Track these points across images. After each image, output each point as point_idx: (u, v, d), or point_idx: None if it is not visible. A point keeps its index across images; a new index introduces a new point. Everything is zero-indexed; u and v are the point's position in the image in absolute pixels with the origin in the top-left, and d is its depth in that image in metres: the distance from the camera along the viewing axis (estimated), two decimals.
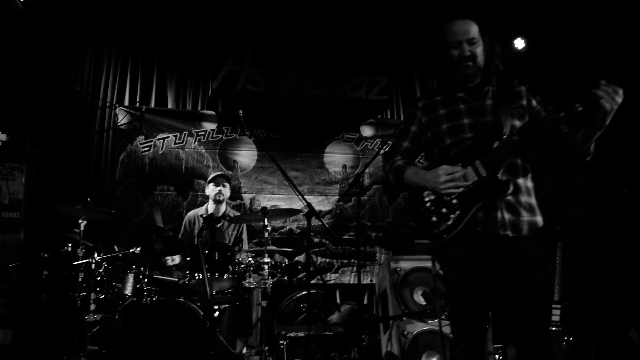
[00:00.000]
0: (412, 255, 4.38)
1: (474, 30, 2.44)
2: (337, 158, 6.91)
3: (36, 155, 5.64)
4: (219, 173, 5.58)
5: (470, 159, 2.36)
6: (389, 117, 7.26)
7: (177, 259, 4.63)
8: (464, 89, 2.50)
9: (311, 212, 4.23)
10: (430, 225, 2.42)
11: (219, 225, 5.26)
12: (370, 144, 7.03)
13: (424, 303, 4.23)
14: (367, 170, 5.82)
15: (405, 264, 4.32)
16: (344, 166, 6.90)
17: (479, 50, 2.44)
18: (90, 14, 6.28)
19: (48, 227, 5.51)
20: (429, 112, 2.58)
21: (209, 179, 5.52)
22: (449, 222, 2.35)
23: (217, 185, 5.38)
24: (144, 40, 6.51)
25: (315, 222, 5.67)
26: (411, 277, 4.27)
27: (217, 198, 5.34)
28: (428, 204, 2.44)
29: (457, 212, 2.33)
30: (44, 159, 5.83)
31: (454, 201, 2.35)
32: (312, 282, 5.45)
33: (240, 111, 4.37)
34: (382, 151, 6.79)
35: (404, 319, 4.09)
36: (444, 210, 2.37)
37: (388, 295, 4.29)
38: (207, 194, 5.54)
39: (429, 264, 4.31)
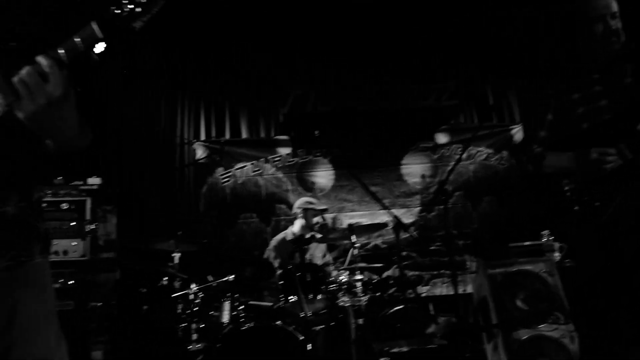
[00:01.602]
0: (508, 259, 4.19)
1: (614, 3, 2.32)
2: (414, 169, 6.79)
3: (121, 196, 5.85)
4: (323, 207, 5.54)
5: (612, 142, 2.22)
6: (462, 121, 7.08)
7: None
8: (599, 68, 2.36)
9: (399, 225, 4.14)
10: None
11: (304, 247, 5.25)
12: (446, 150, 6.87)
13: (526, 308, 4.01)
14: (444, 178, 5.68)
15: (503, 269, 4.13)
16: (423, 176, 6.76)
17: (620, 25, 2.31)
18: (162, 53, 6.53)
19: (143, 263, 5.69)
20: (560, 98, 2.46)
21: (305, 207, 5.48)
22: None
23: (315, 216, 5.38)
24: (214, 75, 6.69)
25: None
26: (511, 281, 4.07)
27: (314, 227, 5.35)
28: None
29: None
30: (131, 199, 6.05)
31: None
32: (403, 296, 5.34)
33: (317, 131, 4.36)
34: (464, 154, 6.71)
35: (509, 325, 3.90)
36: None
37: (489, 303, 4.10)
38: (300, 216, 5.51)
39: (527, 267, 4.12)
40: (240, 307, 4.30)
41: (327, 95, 6.82)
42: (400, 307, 4.94)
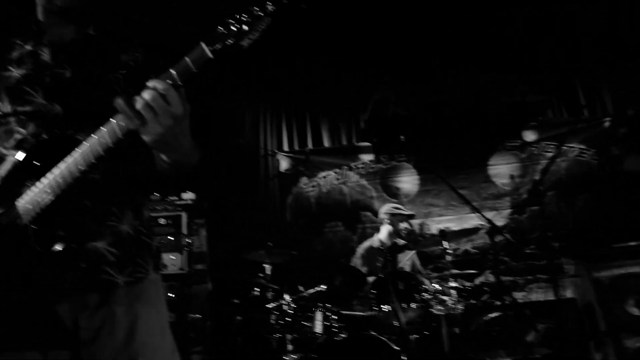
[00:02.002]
0: (613, 261, 3.92)
1: None
2: (502, 169, 6.53)
3: (210, 209, 6.01)
4: (410, 213, 5.44)
5: None
6: (550, 117, 6.74)
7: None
8: None
9: (493, 229, 3.98)
10: None
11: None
12: (535, 149, 6.55)
13: (638, 314, 3.74)
14: (538, 177, 5.42)
15: (609, 272, 3.87)
16: (511, 176, 6.49)
17: None
18: (242, 69, 6.68)
19: (234, 274, 5.82)
20: None
21: (392, 212, 5.41)
22: None
23: (401, 222, 5.29)
24: (294, 84, 6.77)
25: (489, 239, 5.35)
26: (619, 285, 3.81)
27: (400, 233, 5.26)
28: None
29: None
30: (220, 211, 6.21)
31: None
32: (499, 303, 5.14)
33: (402, 137, 4.29)
34: (563, 148, 6.39)
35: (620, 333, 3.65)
36: None
37: (595, 308, 3.86)
38: (385, 223, 5.44)
39: (636, 269, 3.84)
40: (333, 317, 4.28)
41: (407, 98, 6.72)
42: (497, 314, 4.75)
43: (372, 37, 6.56)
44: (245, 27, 1.32)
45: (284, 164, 6.56)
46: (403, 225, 5.31)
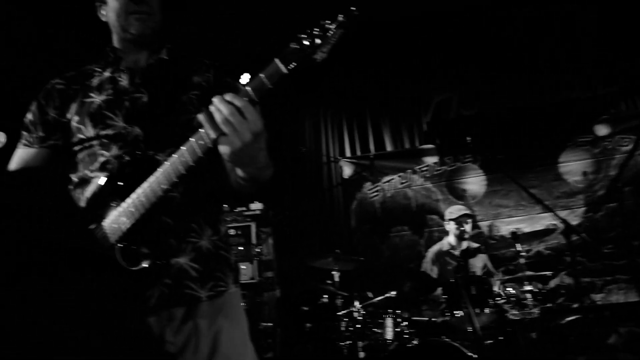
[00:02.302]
0: None
1: None
2: (574, 166, 6.25)
3: (275, 217, 6.09)
4: (463, 213, 5.31)
5: None
6: (624, 109, 6.42)
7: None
8: None
9: (569, 229, 3.82)
10: None
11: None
12: (609, 143, 6.24)
13: None
14: (613, 173, 5.16)
15: None
16: (584, 173, 6.21)
17: None
18: (303, 78, 6.74)
19: (302, 281, 5.86)
20: None
21: (450, 217, 5.32)
22: None
23: (459, 225, 5.18)
24: (354, 89, 6.75)
25: (563, 240, 5.15)
26: None
27: (463, 237, 5.14)
28: None
29: None
30: (285, 219, 6.28)
31: None
32: (576, 305, 4.94)
33: (469, 138, 4.19)
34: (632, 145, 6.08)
35: None
36: None
37: None
38: (447, 229, 5.37)
39: None
40: (403, 323, 4.23)
41: (470, 98, 6.57)
42: (574, 317, 4.56)
43: (433, 37, 6.47)
44: (317, 41, 1.33)
45: (347, 170, 6.57)
46: (467, 226, 5.18)
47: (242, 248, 5.04)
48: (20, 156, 1.80)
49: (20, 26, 5.15)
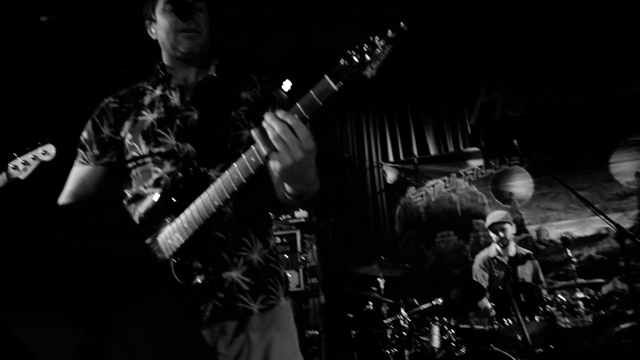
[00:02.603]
0: None
1: None
2: (626, 166, 6.03)
3: (319, 223, 6.10)
4: (494, 221, 5.19)
5: None
6: None
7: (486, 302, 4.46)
8: None
9: (622, 233, 3.67)
10: None
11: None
12: None
13: None
14: None
15: None
16: (637, 174, 5.99)
17: None
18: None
19: (347, 288, 5.85)
20: None
21: (486, 225, 5.22)
22: None
23: (495, 233, 5.06)
24: (396, 93, 6.72)
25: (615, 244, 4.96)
26: None
27: (503, 244, 5.03)
28: None
29: None
30: (328, 225, 6.28)
31: None
32: (631, 312, 4.75)
33: (515, 141, 4.10)
34: None
35: None
36: None
37: None
38: (490, 235, 5.27)
39: None
40: (451, 331, 4.17)
41: (514, 99, 6.43)
42: (629, 325, 4.41)
43: (476, 38, 6.38)
44: (367, 58, 1.33)
45: (391, 175, 6.53)
46: (506, 233, 5.05)
47: (287, 256, 5.06)
48: (77, 173, 1.86)
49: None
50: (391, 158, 6.65)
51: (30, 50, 5.15)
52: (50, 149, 2.76)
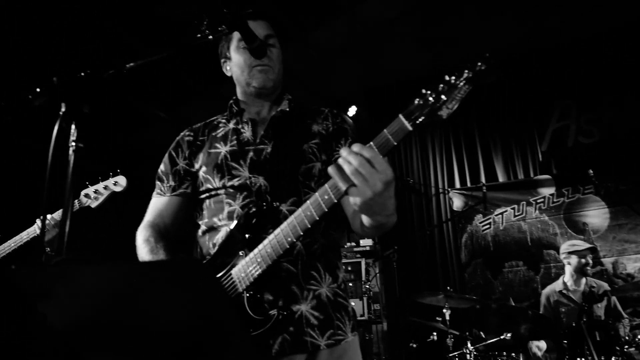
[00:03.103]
0: None
1: None
2: None
3: (383, 250, 6.04)
4: (587, 247, 4.97)
5: None
6: None
7: (542, 345, 4.28)
8: None
9: None
10: None
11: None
12: None
13: None
14: None
15: None
16: None
17: None
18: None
19: (411, 316, 5.75)
20: None
21: (568, 250, 5.00)
22: None
23: (583, 257, 4.84)
24: (462, 117, 6.61)
25: None
26: None
27: (585, 271, 4.81)
28: None
29: None
30: (394, 253, 6.22)
31: None
32: None
33: (591, 171, 3.94)
34: None
35: None
36: None
37: None
38: (566, 263, 5.03)
39: None
40: None
41: (589, 125, 6.19)
42: None
43: (548, 62, 6.24)
44: (443, 97, 1.32)
45: (457, 202, 6.38)
46: (586, 261, 4.82)
47: (351, 284, 5.05)
48: (154, 204, 1.95)
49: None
50: (458, 184, 6.52)
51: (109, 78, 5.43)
52: (122, 181, 2.85)
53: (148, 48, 5.73)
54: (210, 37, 1.56)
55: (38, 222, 2.74)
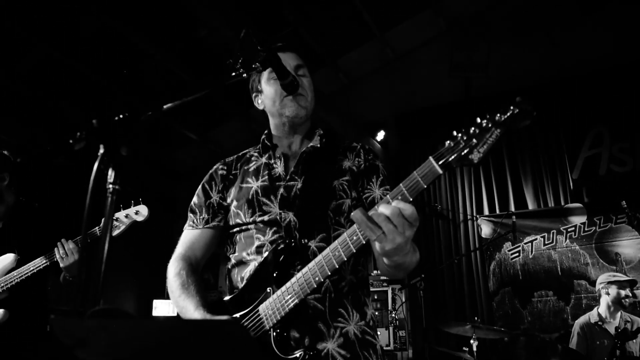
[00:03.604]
0: None
1: None
2: None
3: (411, 281, 5.99)
4: (628, 278, 4.84)
5: None
6: None
7: None
8: None
9: None
10: None
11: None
12: None
13: None
14: None
15: None
16: None
17: None
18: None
19: (437, 346, 5.66)
20: None
21: (608, 280, 4.86)
22: None
23: (623, 287, 4.71)
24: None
25: None
26: None
27: (623, 302, 4.67)
28: None
29: None
30: (419, 282, 6.16)
31: None
32: None
33: (624, 202, 3.86)
34: None
35: None
36: None
37: None
38: (604, 293, 4.89)
39: None
40: None
41: (622, 154, 6.07)
42: None
43: (580, 89, 6.16)
44: (474, 141, 1.31)
45: (486, 229, 6.30)
46: (624, 292, 4.69)
47: (377, 313, 5.00)
48: (186, 236, 1.96)
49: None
50: (486, 211, 6.44)
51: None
52: (143, 210, 2.80)
53: (189, 73, 5.88)
54: (245, 75, 1.58)
55: (59, 246, 2.76)
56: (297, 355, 1.54)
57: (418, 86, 7.22)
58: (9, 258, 2.86)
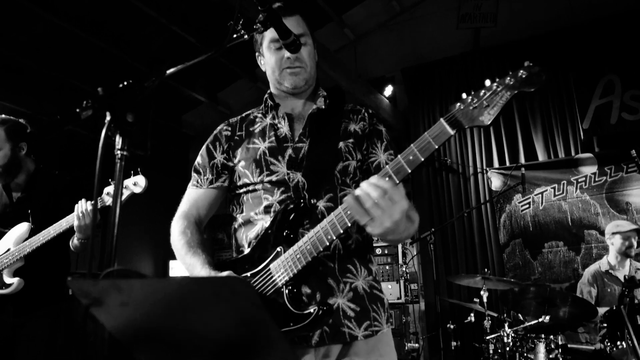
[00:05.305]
0: None
1: None
2: None
3: (422, 235, 6.06)
4: (633, 228, 4.87)
5: None
6: None
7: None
8: None
9: None
10: None
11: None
12: None
13: None
14: None
15: None
16: None
17: None
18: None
19: (448, 298, 5.77)
20: None
21: (612, 231, 4.91)
22: None
23: (627, 239, 4.75)
24: None
25: None
26: None
27: (628, 252, 4.72)
28: None
29: None
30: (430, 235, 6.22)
31: None
32: None
33: (633, 151, 3.85)
34: None
35: None
36: None
37: None
38: (610, 244, 4.94)
39: None
40: (558, 350, 4.00)
41: (634, 101, 5.99)
42: None
43: (589, 36, 6.05)
44: (484, 103, 1.33)
45: (496, 182, 6.30)
46: (634, 243, 4.73)
47: (388, 267, 5.08)
48: (190, 195, 2.00)
49: None
50: (496, 164, 6.42)
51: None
52: (141, 181, 2.71)
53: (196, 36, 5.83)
54: (246, 36, 1.58)
55: (80, 204, 2.75)
56: (312, 310, 1.59)
57: (425, 39, 7.12)
58: (23, 227, 2.92)
